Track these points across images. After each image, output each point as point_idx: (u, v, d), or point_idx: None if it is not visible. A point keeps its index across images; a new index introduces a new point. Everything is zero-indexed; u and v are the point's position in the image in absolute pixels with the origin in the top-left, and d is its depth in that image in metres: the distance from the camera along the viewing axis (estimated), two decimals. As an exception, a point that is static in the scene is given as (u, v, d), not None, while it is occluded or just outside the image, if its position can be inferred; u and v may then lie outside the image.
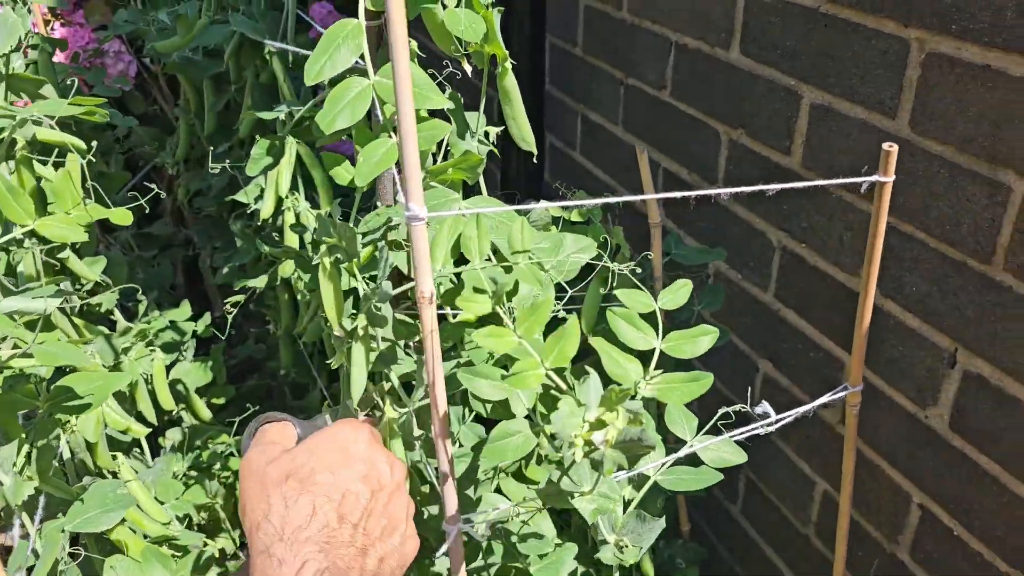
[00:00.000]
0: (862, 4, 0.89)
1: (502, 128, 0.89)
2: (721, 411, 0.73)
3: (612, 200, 0.63)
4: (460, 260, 0.75)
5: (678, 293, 0.66)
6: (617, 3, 1.35)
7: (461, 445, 0.90)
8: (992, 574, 0.88)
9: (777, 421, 0.72)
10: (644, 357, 0.62)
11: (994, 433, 0.85)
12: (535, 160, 1.05)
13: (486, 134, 0.89)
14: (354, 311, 0.75)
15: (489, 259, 0.67)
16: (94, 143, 0.91)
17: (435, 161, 0.84)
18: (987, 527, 0.88)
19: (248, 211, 1.27)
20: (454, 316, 0.75)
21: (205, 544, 1.08)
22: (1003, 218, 0.79)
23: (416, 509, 0.69)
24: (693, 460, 0.74)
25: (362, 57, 0.67)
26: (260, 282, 1.14)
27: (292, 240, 1.10)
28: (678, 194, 0.66)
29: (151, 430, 1.16)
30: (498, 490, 0.87)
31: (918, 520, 0.97)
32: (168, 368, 1.41)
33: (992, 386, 0.84)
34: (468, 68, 0.79)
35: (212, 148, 1.39)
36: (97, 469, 0.96)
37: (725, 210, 1.19)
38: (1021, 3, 0.73)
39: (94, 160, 0.89)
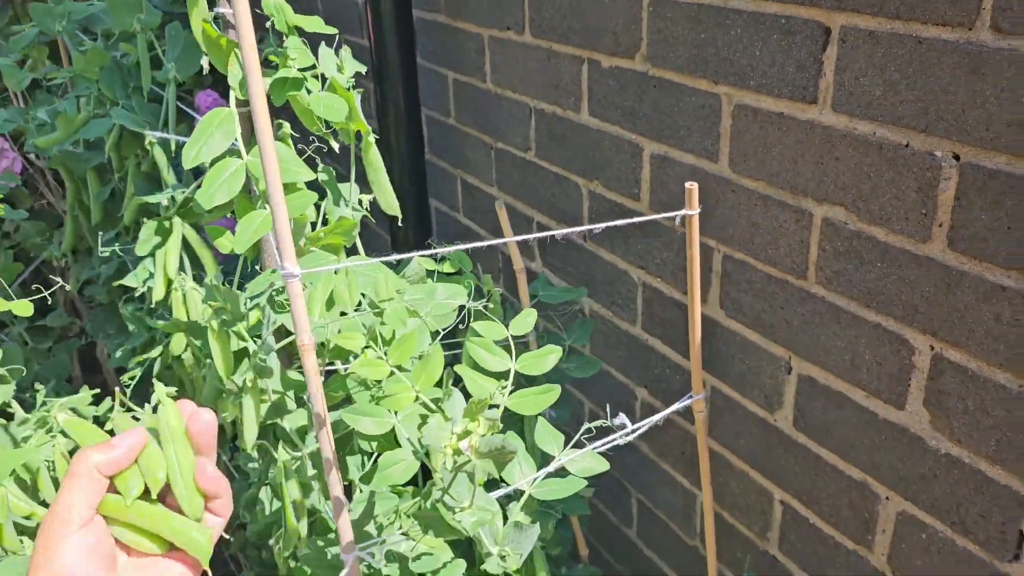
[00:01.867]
0: (680, 66, 1.03)
1: (372, 196, 0.98)
2: (584, 427, 0.83)
3: (472, 246, 0.72)
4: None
5: (525, 320, 0.75)
6: (482, 75, 1.48)
7: (361, 491, 0.97)
8: (843, 553, 0.99)
9: (634, 431, 0.81)
10: (503, 377, 0.71)
11: (828, 427, 0.97)
12: (421, 225, 1.15)
13: (360, 202, 0.98)
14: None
15: (360, 307, 0.76)
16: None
17: (313, 229, 0.92)
18: (834, 512, 0.99)
19: (137, 295, 1.32)
20: (345, 370, 0.82)
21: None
22: (809, 239, 0.92)
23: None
24: (566, 473, 0.83)
25: (237, 139, 0.75)
26: (155, 353, 1.18)
27: (182, 314, 1.16)
28: (526, 237, 0.76)
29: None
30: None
31: (781, 515, 1.08)
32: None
33: (820, 385, 0.96)
34: (335, 144, 0.88)
35: (100, 236, 1.43)
36: (4, 551, 0.98)
37: (593, 255, 1.31)
38: (798, 60, 0.87)
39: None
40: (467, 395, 0.65)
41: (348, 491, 1.05)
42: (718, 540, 1.18)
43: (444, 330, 0.92)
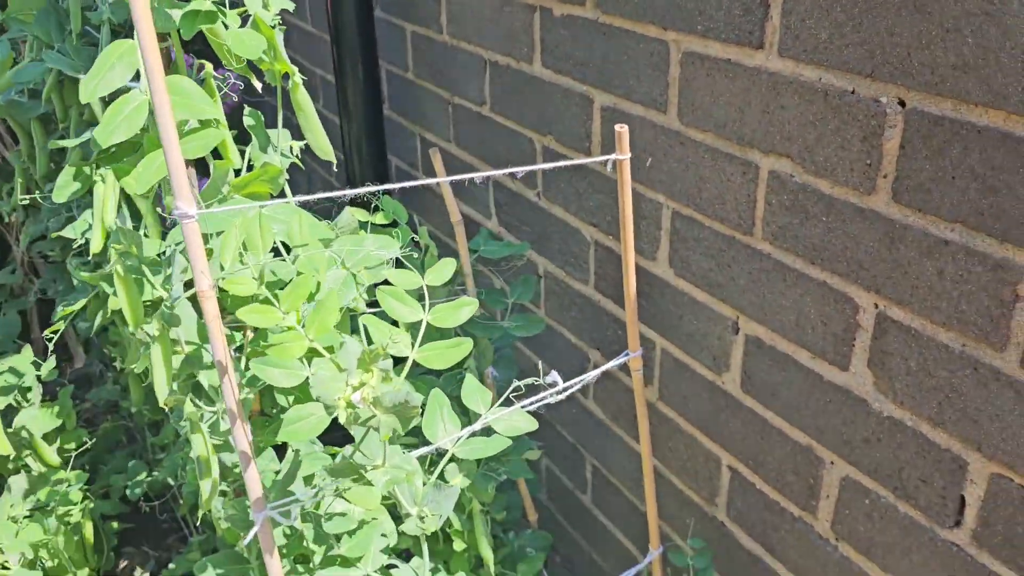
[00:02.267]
0: (630, 12, 0.99)
1: (304, 143, 0.94)
2: (513, 385, 0.79)
3: (400, 185, 0.69)
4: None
5: (443, 270, 0.72)
6: (438, 27, 1.43)
7: (293, 451, 0.93)
8: (788, 519, 0.96)
9: (564, 389, 0.78)
10: (416, 329, 0.67)
11: (774, 388, 0.93)
12: (379, 183, 1.10)
13: (291, 149, 0.93)
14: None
15: (278, 254, 0.72)
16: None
17: (238, 176, 0.88)
18: (780, 476, 0.96)
19: (79, 248, 1.27)
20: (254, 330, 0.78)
21: (47, 582, 1.06)
22: (756, 192, 0.88)
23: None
24: (493, 433, 0.79)
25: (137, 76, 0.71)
26: (78, 306, 1.14)
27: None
28: (455, 178, 0.72)
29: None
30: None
31: (729, 481, 1.05)
32: (10, 416, 1.39)
33: (767, 346, 0.93)
34: (258, 84, 0.84)
35: (46, 190, 1.38)
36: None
37: (547, 213, 1.27)
38: (746, 3, 0.83)
39: None
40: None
41: (282, 451, 1.02)
42: (669, 506, 1.15)
43: (377, 285, 0.88)
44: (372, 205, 0.96)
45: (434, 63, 1.47)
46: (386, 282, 0.84)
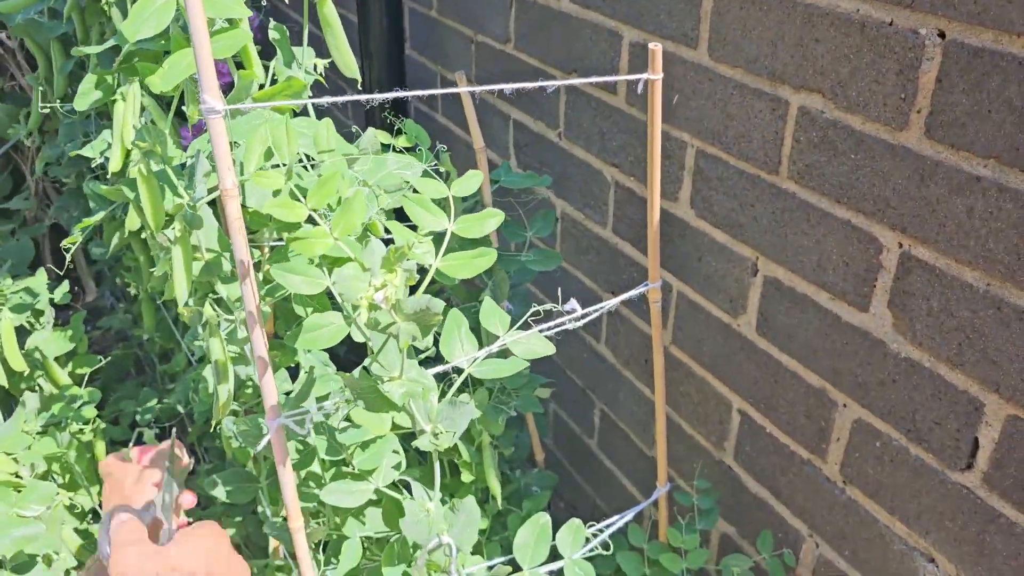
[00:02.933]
0: (664, -57, 0.97)
1: (329, 61, 0.93)
2: (532, 308, 0.79)
3: (421, 93, 0.68)
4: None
5: (469, 182, 0.71)
6: (465, -37, 1.41)
7: (308, 372, 0.94)
8: (796, 463, 0.96)
9: (583, 316, 0.77)
10: (441, 240, 0.67)
11: (790, 331, 0.93)
12: (393, 114, 1.09)
13: (315, 66, 0.92)
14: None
15: (303, 164, 0.71)
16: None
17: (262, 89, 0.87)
18: (790, 420, 0.96)
19: (95, 166, 1.27)
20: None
21: (58, 494, 1.08)
22: (784, 130, 0.87)
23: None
24: (510, 356, 0.79)
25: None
26: (97, 218, 1.14)
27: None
28: (476, 88, 0.71)
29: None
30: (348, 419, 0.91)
31: (738, 424, 1.05)
32: (23, 338, 1.40)
33: (786, 288, 0.92)
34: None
35: (62, 111, 1.38)
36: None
37: (567, 154, 1.26)
38: (784, -70, 0.81)
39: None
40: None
41: (295, 372, 1.02)
42: (677, 450, 1.16)
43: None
44: (395, 128, 0.95)
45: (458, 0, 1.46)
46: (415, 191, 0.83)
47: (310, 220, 0.61)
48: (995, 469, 0.74)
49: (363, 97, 0.61)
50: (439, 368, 0.76)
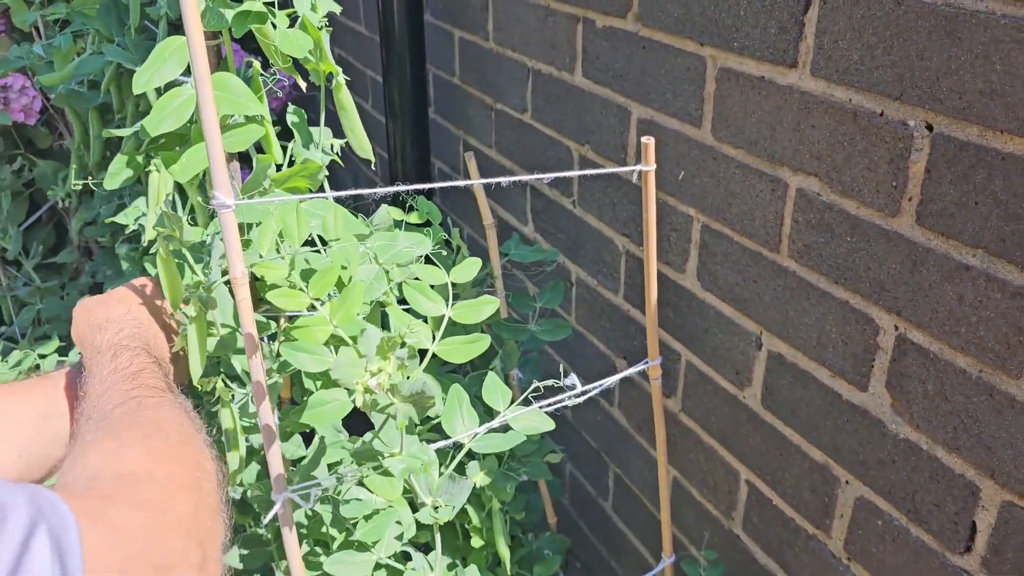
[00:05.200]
0: (668, 27, 1.00)
1: (345, 141, 0.97)
2: (533, 385, 0.81)
3: (434, 185, 0.71)
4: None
5: (468, 269, 0.74)
6: (484, 34, 1.46)
7: (320, 441, 0.96)
8: (803, 537, 0.97)
9: (583, 393, 0.79)
10: (439, 324, 0.70)
11: (794, 405, 0.94)
12: (418, 180, 1.13)
13: (332, 147, 0.96)
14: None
15: (312, 245, 0.75)
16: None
17: (279, 171, 0.91)
18: (796, 494, 0.96)
19: (129, 234, 1.32)
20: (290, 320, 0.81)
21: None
22: (784, 210, 0.89)
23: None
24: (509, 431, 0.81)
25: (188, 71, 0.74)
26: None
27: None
28: (489, 180, 0.74)
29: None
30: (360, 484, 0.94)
31: (746, 495, 1.06)
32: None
33: (789, 363, 0.93)
34: (303, 83, 0.87)
35: (99, 177, 1.44)
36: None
37: (581, 221, 1.29)
38: (780, 21, 0.84)
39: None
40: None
41: (309, 438, 1.05)
42: (687, 517, 1.16)
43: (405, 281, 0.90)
44: (408, 205, 0.98)
45: (480, 69, 1.50)
46: (417, 279, 0.86)
47: (312, 307, 0.65)
48: (993, 554, 0.74)
49: (371, 191, 0.65)
50: (440, 444, 0.78)
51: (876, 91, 0.75)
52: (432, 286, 0.73)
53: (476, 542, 1.10)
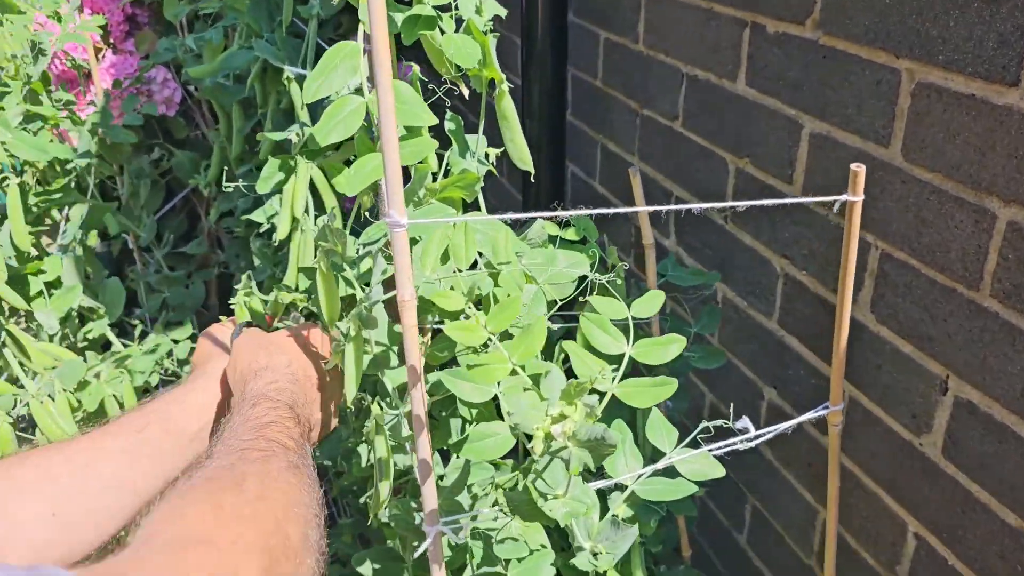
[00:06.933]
0: (857, 36, 0.91)
1: (501, 150, 0.92)
2: (701, 425, 0.75)
3: (600, 211, 0.65)
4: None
5: (651, 303, 0.68)
6: (634, 36, 1.39)
7: (458, 457, 0.93)
8: (984, 605, 0.87)
9: (756, 437, 0.73)
10: (616, 362, 0.64)
11: (984, 460, 0.84)
12: (555, 188, 1.08)
13: (486, 155, 0.92)
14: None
15: (476, 266, 0.70)
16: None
17: (435, 180, 0.88)
18: (979, 556, 0.87)
19: (262, 230, 1.32)
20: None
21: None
22: (988, 244, 0.80)
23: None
24: (675, 474, 0.75)
25: (363, 77, 0.71)
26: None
27: (299, 255, 1.15)
28: (661, 208, 0.69)
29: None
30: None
31: (914, 549, 0.96)
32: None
33: (982, 413, 0.84)
34: (465, 91, 0.83)
35: (237, 170, 1.44)
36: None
37: (732, 238, 1.21)
38: (1001, 34, 0.75)
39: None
40: (573, 376, 0.58)
41: (446, 455, 1.01)
42: (839, 563, 1.07)
43: (561, 301, 0.85)
44: (562, 220, 0.93)
45: (626, 72, 1.44)
46: (574, 300, 0.81)
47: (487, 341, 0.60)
48: None
49: (535, 215, 0.60)
50: (600, 483, 0.73)
51: None
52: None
53: (612, 575, 1.05)
